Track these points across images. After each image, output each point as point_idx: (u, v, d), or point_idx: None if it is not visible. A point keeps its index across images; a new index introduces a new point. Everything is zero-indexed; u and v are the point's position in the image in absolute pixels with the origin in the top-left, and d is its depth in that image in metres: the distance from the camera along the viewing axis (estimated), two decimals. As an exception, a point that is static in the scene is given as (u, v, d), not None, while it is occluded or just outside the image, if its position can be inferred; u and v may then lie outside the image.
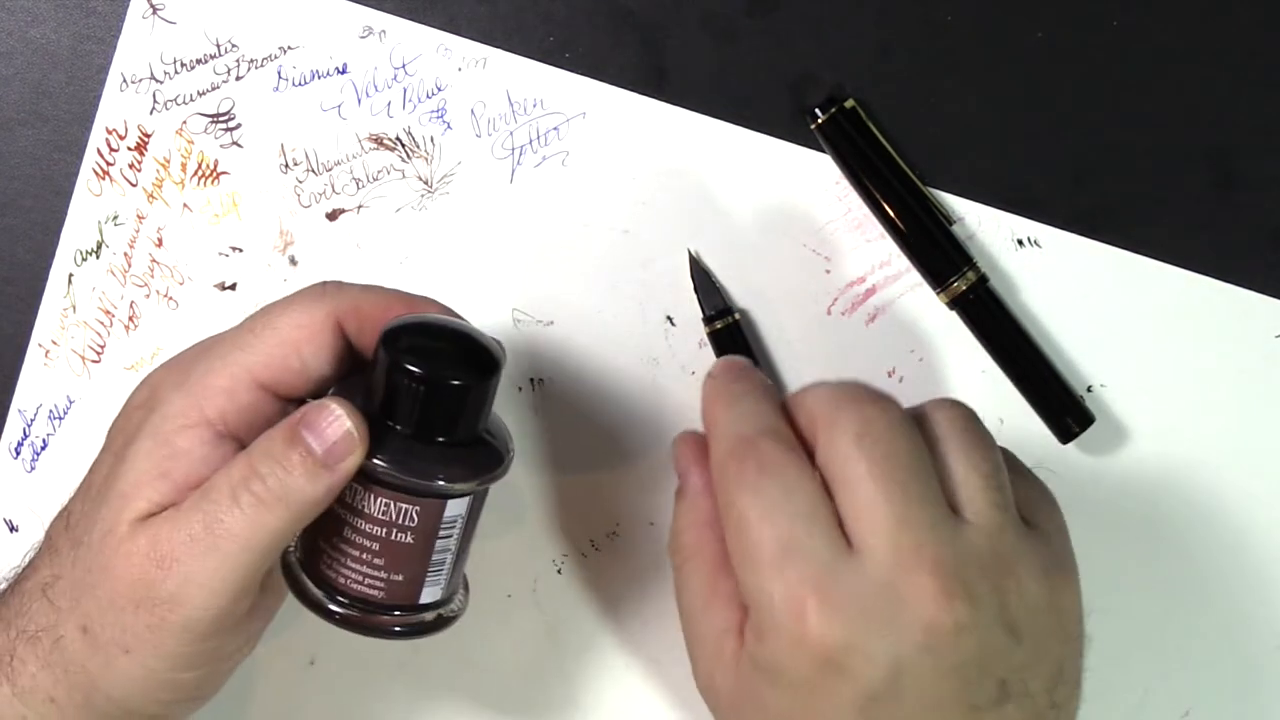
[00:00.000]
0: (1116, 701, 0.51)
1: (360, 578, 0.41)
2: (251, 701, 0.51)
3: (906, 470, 0.38)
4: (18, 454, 0.51)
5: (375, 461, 0.39)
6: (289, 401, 0.41)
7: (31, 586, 0.41)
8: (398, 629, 0.42)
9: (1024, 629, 0.38)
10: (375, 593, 0.41)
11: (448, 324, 0.41)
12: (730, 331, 0.50)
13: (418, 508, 0.40)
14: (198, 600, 0.39)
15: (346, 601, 0.41)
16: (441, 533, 0.41)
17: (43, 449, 0.51)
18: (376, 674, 0.52)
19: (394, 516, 0.40)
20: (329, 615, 0.41)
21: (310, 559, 0.42)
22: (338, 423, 0.39)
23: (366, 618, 0.41)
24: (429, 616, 0.42)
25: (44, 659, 0.40)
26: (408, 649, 0.51)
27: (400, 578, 0.41)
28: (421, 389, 0.39)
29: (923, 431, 0.39)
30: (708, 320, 0.50)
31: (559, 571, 0.51)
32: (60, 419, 0.51)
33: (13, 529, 0.51)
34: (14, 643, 0.40)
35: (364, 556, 0.41)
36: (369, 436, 0.39)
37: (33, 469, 0.51)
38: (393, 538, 0.41)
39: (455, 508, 0.41)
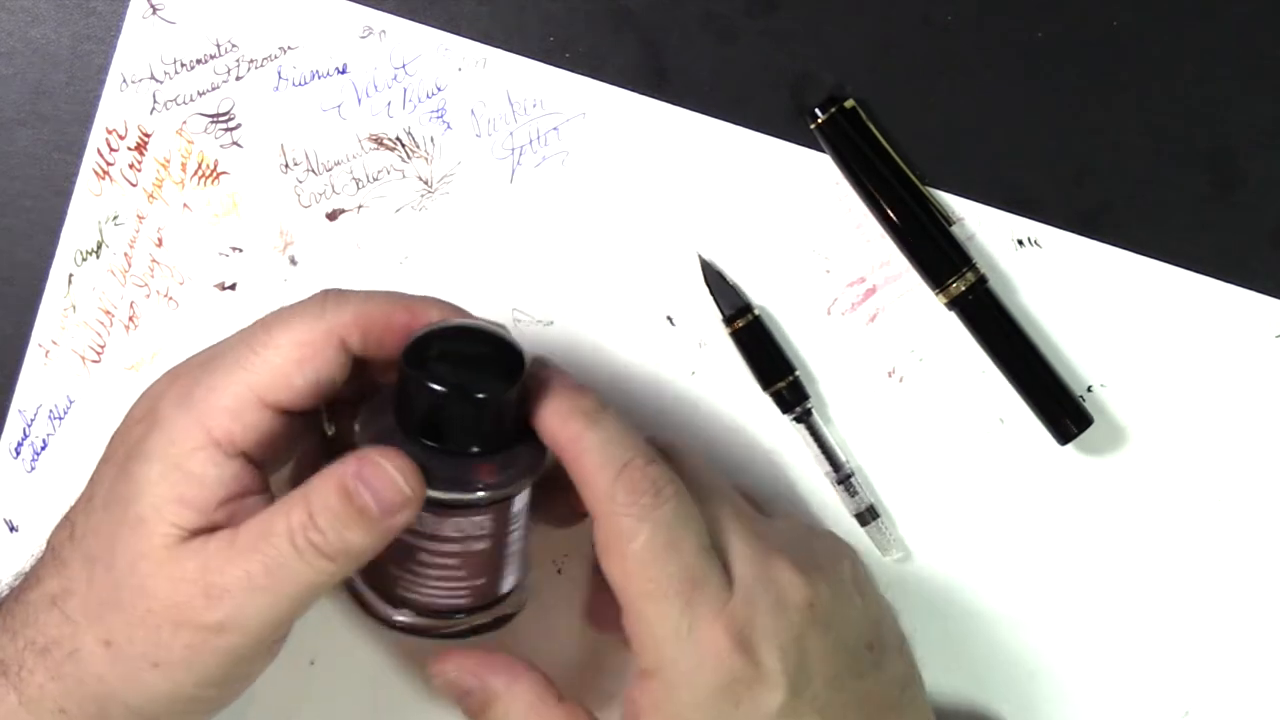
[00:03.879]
0: (1117, 701, 0.51)
1: (444, 593, 0.42)
2: (251, 701, 0.51)
3: (719, 476, 0.44)
4: (18, 454, 0.51)
5: (436, 493, 0.39)
6: (295, 415, 0.41)
7: (38, 597, 0.41)
8: (480, 624, 0.43)
9: (861, 593, 0.43)
10: (462, 601, 0.42)
11: (460, 329, 0.41)
12: (751, 329, 0.50)
13: (489, 515, 0.41)
14: (246, 631, 0.39)
15: (433, 614, 0.42)
16: (512, 526, 0.42)
17: (43, 449, 0.51)
18: (376, 675, 0.52)
19: (467, 530, 0.41)
20: (419, 632, 0.43)
21: (383, 584, 0.42)
22: (394, 483, 0.39)
23: (453, 624, 0.43)
24: (509, 609, 0.44)
25: (55, 670, 0.40)
26: (406, 650, 0.51)
27: (483, 580, 0.42)
28: (464, 409, 0.39)
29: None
30: (728, 320, 0.50)
31: (559, 572, 0.51)
32: (60, 419, 0.51)
33: (13, 529, 0.51)
34: (22, 653, 0.40)
35: (445, 574, 0.41)
36: (423, 473, 0.39)
37: (33, 469, 0.51)
38: (470, 549, 0.41)
39: (520, 500, 0.42)
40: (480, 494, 0.40)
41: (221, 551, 0.39)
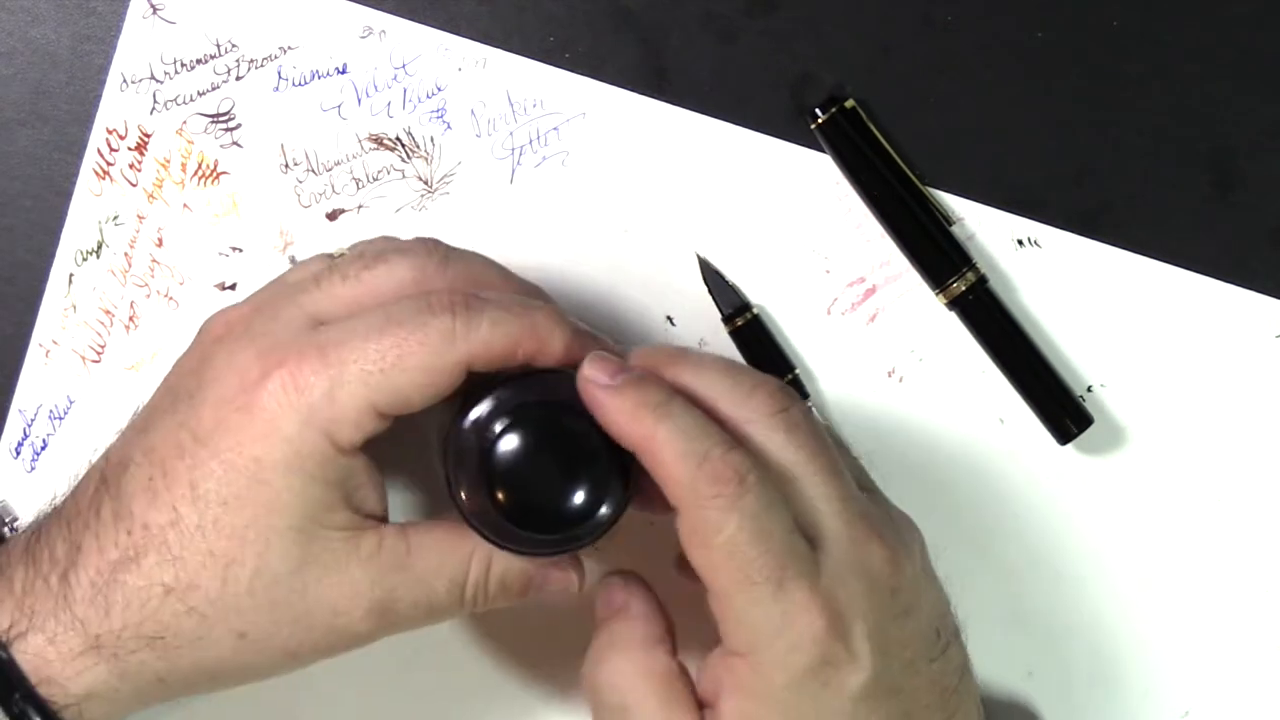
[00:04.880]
0: (1117, 701, 0.51)
1: None
2: (252, 701, 0.51)
3: (830, 445, 0.42)
4: (18, 454, 0.51)
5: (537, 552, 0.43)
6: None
7: (145, 585, 0.41)
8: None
9: (931, 578, 0.43)
10: None
11: (531, 432, 0.41)
12: (750, 327, 0.50)
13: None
14: (381, 636, 0.43)
15: None
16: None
17: (43, 449, 0.51)
18: (376, 673, 0.52)
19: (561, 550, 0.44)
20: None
21: None
22: (567, 588, 0.44)
23: None
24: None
25: (166, 655, 0.41)
26: (406, 649, 0.51)
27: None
28: (575, 532, 0.41)
29: None
30: (727, 319, 0.50)
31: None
32: (60, 419, 0.51)
33: (13, 529, 0.51)
34: (119, 634, 0.41)
35: None
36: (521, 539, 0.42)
37: (33, 469, 0.51)
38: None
39: None
40: (579, 550, 0.43)
41: (393, 572, 0.42)
